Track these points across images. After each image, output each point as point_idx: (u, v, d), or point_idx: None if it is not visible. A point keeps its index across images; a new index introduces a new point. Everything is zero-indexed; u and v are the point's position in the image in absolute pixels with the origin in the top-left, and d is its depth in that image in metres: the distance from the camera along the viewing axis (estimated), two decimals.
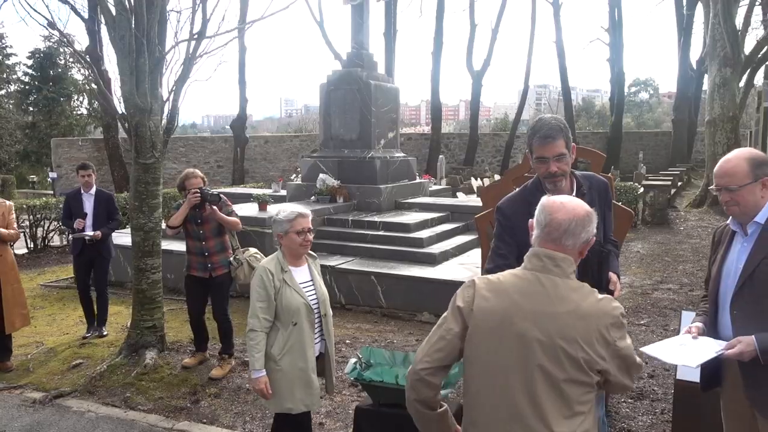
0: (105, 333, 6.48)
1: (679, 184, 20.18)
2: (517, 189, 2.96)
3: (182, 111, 5.76)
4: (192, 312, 5.54)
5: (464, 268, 7.48)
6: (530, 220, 2.10)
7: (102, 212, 6.46)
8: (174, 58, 5.41)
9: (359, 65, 10.24)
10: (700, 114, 29.92)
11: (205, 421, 4.52)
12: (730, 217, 2.62)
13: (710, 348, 2.46)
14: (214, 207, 5.26)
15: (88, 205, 6.44)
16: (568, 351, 1.87)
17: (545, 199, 2.06)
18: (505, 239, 2.75)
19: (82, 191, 6.47)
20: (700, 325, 2.63)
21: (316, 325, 3.54)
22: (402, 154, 10.95)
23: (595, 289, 1.99)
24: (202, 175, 5.41)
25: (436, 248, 8.05)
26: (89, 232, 6.32)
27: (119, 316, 7.10)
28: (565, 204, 2.01)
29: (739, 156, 2.54)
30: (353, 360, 3.82)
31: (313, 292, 3.55)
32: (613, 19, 28.19)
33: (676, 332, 5.74)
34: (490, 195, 4.88)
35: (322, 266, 7.64)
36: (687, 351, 2.47)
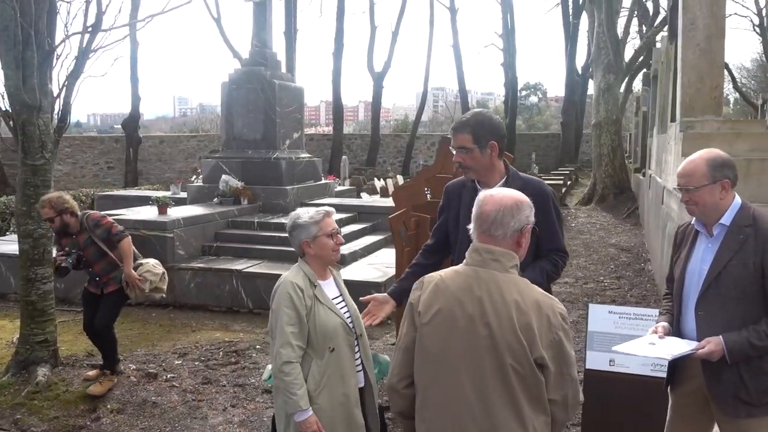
0: None
1: (569, 183, 21.35)
2: None
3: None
4: (86, 325, 5.16)
5: (373, 268, 7.51)
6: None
7: None
8: (65, 52, 5.05)
9: (262, 64, 10.02)
10: (585, 117, 31.86)
11: None
12: (694, 217, 2.63)
13: (680, 346, 2.51)
14: (109, 252, 4.92)
15: None
16: (512, 344, 1.89)
17: (480, 194, 2.09)
18: (441, 214, 3.08)
19: None
20: (665, 324, 2.66)
21: (356, 349, 2.91)
22: (308, 155, 10.85)
23: (535, 285, 2.03)
24: (62, 201, 4.75)
25: (345, 249, 8.02)
26: None
27: (3, 330, 6.54)
28: (493, 195, 2.05)
29: (700, 157, 2.55)
30: (270, 366, 3.71)
31: (346, 309, 2.94)
32: (506, 25, 29.40)
33: (578, 324, 6.04)
34: (401, 196, 4.92)
35: (227, 270, 7.53)
36: (658, 348, 2.52)
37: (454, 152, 2.84)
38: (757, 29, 35.25)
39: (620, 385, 3.20)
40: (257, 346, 5.97)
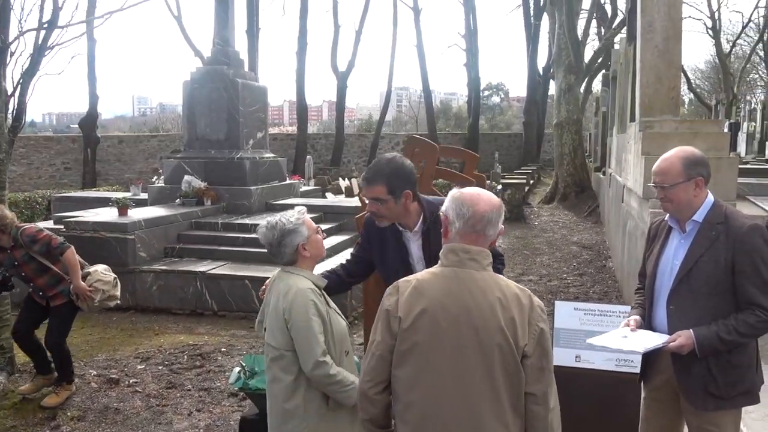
0: None
1: (531, 182, 21.65)
2: None
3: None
4: (17, 328, 4.80)
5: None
6: (441, 213, 2.10)
7: None
8: (20, 49, 4.89)
9: (225, 63, 9.89)
10: (546, 117, 32.34)
11: None
12: (667, 214, 2.67)
13: (653, 338, 2.56)
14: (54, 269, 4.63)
15: None
16: (500, 342, 1.89)
17: (458, 193, 2.06)
18: (363, 245, 3.10)
19: None
20: (637, 318, 2.70)
21: None
22: (272, 155, 10.75)
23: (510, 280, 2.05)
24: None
25: None
26: None
27: None
28: (481, 195, 2.04)
29: (675, 155, 2.58)
30: (237, 369, 3.66)
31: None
32: (468, 26, 29.64)
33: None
34: None
35: (191, 272, 7.40)
36: (631, 341, 2.57)
37: (367, 201, 2.74)
38: (710, 32, 36.36)
39: (586, 380, 3.24)
40: (222, 349, 5.88)
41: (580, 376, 3.26)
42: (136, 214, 8.15)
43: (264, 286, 2.91)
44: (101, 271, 4.80)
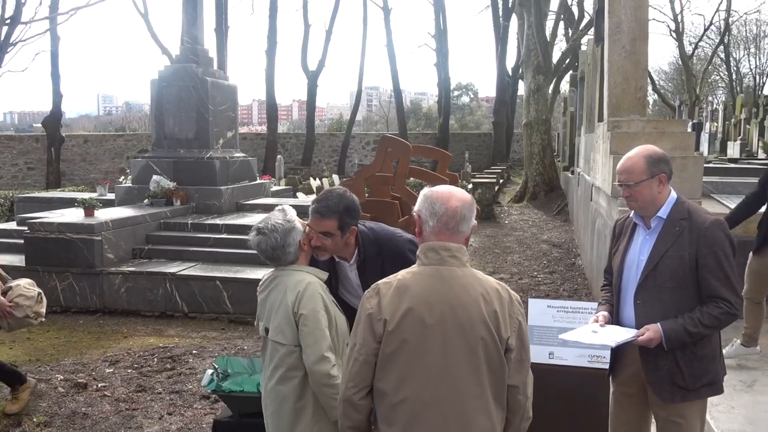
0: None
1: (501, 181, 21.85)
2: None
3: None
4: None
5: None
6: (414, 213, 2.10)
7: None
8: None
9: (194, 61, 9.74)
10: (516, 117, 32.69)
11: None
12: (632, 211, 2.71)
13: (622, 333, 2.60)
14: None
15: None
16: (485, 337, 1.91)
17: (429, 192, 2.07)
18: None
19: None
20: (605, 314, 2.74)
21: None
22: (242, 154, 10.64)
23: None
24: None
25: None
26: None
27: None
28: (452, 192, 2.06)
29: (638, 153, 2.63)
30: (210, 371, 3.61)
31: None
32: (438, 26, 29.78)
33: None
34: None
35: (160, 274, 7.28)
36: (601, 335, 2.61)
37: (313, 235, 2.68)
38: (674, 34, 37.22)
39: (560, 376, 3.28)
40: (194, 351, 5.80)
41: (554, 372, 3.30)
42: (102, 214, 7.99)
43: (260, 287, 2.83)
44: (24, 285, 4.40)
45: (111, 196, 10.11)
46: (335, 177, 20.23)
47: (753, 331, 4.60)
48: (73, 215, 8.09)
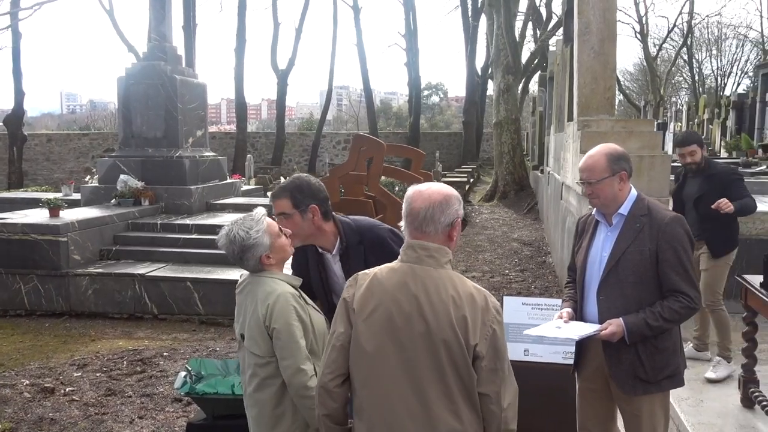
0: None
1: (471, 180, 22.01)
2: None
3: None
4: None
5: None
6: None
7: None
8: None
9: (162, 59, 9.59)
10: (485, 116, 32.94)
11: None
12: (594, 208, 2.76)
13: (585, 327, 2.64)
14: None
15: None
16: (449, 339, 1.89)
17: (409, 189, 2.08)
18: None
19: None
20: (569, 310, 2.78)
21: None
22: (212, 153, 10.51)
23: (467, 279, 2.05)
24: None
25: None
26: None
27: None
28: (422, 191, 2.03)
29: (599, 152, 2.67)
30: (183, 373, 3.54)
31: None
32: (408, 25, 29.82)
33: None
34: None
35: (128, 275, 7.15)
36: (565, 330, 2.65)
37: (275, 219, 2.70)
38: (639, 36, 37.93)
39: (535, 373, 3.31)
40: (165, 354, 5.70)
41: (529, 369, 3.33)
42: (68, 215, 7.81)
43: (237, 288, 2.79)
44: None
45: (77, 196, 9.89)
46: None
47: (701, 334, 4.76)
48: (38, 216, 7.89)
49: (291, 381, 2.45)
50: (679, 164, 5.05)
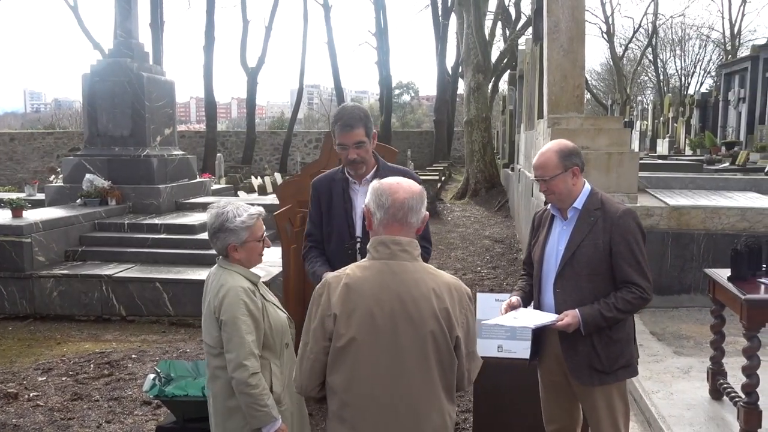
0: None
1: (443, 178, 22.09)
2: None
3: None
4: None
5: (257, 267, 7.30)
6: (363, 207, 2.08)
7: None
8: None
9: (129, 56, 9.40)
10: (456, 115, 33.09)
11: None
12: (550, 203, 2.81)
13: (541, 317, 2.68)
14: None
15: None
16: (435, 332, 1.89)
17: (377, 184, 2.04)
18: (313, 207, 3.16)
19: None
20: (516, 298, 2.86)
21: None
22: (181, 152, 10.35)
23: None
24: None
25: None
26: None
27: None
28: (401, 184, 2.03)
29: (550, 149, 2.73)
30: (152, 376, 3.48)
31: None
32: (379, 24, 29.77)
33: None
34: (287, 192, 4.80)
35: (95, 276, 6.99)
36: (521, 319, 2.69)
37: (350, 149, 2.88)
38: (605, 36, 38.50)
39: (508, 369, 3.32)
40: (133, 356, 5.59)
41: (503, 365, 3.34)
42: (32, 215, 7.61)
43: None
44: None
45: (41, 196, 9.68)
46: (277, 175, 19.98)
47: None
48: (0, 216, 7.67)
49: (232, 375, 2.48)
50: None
